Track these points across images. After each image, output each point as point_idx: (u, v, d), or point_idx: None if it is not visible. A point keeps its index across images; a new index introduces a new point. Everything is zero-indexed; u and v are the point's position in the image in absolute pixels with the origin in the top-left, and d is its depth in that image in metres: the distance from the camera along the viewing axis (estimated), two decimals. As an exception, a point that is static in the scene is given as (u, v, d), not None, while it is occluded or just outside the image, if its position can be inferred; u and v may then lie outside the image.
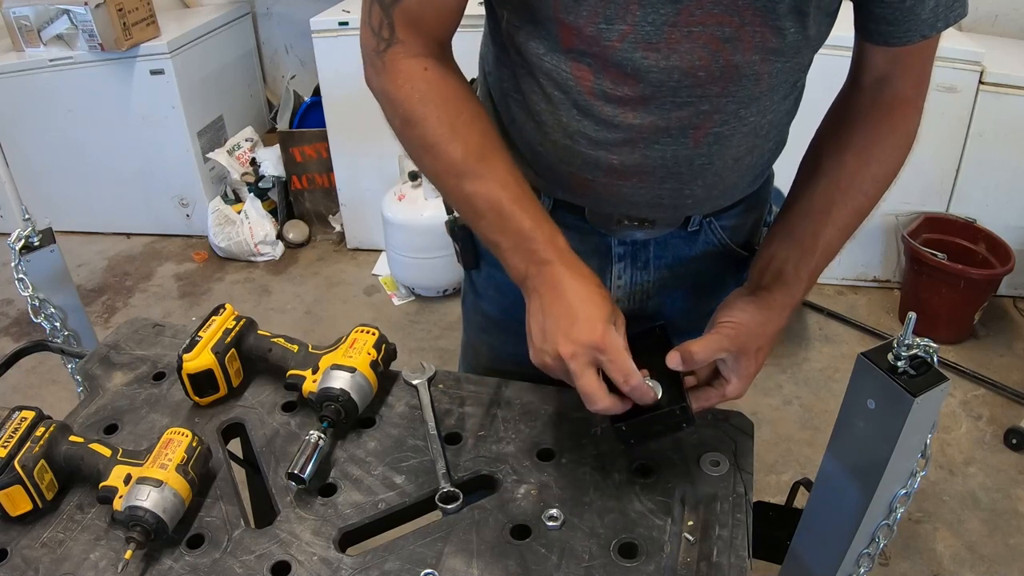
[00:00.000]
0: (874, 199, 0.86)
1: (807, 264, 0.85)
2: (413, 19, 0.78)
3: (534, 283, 0.77)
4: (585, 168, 0.86)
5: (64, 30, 2.91)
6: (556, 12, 0.73)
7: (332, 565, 0.78)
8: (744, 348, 0.81)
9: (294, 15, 3.44)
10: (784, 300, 0.84)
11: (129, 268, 3.21)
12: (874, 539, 0.74)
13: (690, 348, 0.79)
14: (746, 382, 0.83)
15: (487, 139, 0.80)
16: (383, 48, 0.79)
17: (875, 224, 2.76)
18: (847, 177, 0.85)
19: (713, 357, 0.80)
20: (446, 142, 0.78)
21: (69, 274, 1.13)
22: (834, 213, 0.85)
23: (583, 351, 0.73)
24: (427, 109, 0.78)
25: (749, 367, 0.82)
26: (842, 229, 0.86)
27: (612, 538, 0.79)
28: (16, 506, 0.82)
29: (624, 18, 0.71)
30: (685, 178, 0.85)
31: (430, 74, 0.79)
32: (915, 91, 0.85)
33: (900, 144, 0.86)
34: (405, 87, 0.79)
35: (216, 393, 0.98)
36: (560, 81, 0.79)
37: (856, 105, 0.87)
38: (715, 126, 0.80)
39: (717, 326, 0.82)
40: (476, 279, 1.08)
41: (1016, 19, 2.84)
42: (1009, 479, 2.11)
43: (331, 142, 2.98)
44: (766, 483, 2.06)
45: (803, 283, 0.85)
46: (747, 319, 0.82)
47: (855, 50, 0.86)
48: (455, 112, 0.79)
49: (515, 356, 1.09)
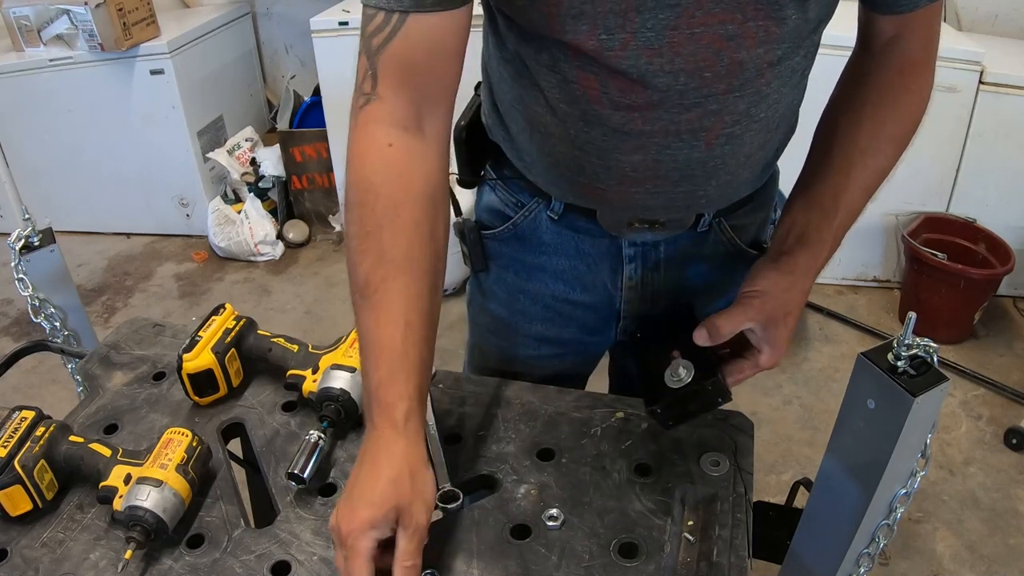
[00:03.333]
0: (892, 159, 0.85)
1: (829, 224, 0.83)
2: (401, 67, 0.73)
3: (365, 441, 0.73)
4: (596, 177, 0.85)
5: (64, 30, 2.91)
6: (554, 34, 0.73)
7: (332, 565, 0.78)
8: (771, 316, 0.81)
9: (294, 15, 3.44)
10: (807, 263, 0.83)
11: (129, 268, 3.21)
12: (874, 539, 0.74)
13: (715, 322, 0.79)
14: (779, 350, 0.82)
15: (402, 248, 0.73)
16: (361, 104, 0.74)
17: (875, 224, 2.76)
18: (864, 137, 0.84)
19: (739, 328, 0.80)
20: (361, 251, 0.73)
21: (69, 274, 1.13)
22: (854, 173, 0.84)
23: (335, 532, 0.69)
24: (365, 198, 0.73)
25: (780, 334, 0.81)
26: (863, 189, 0.84)
27: (612, 538, 0.79)
28: (16, 506, 0.82)
29: (624, 26, 0.71)
30: (699, 180, 0.84)
31: (390, 154, 0.73)
32: (925, 52, 0.84)
33: (914, 103, 0.85)
34: (357, 159, 0.74)
35: (216, 393, 0.98)
36: (566, 93, 0.78)
37: (867, 69, 0.86)
38: (727, 127, 0.79)
39: (741, 297, 0.82)
40: (484, 281, 1.08)
41: (1016, 19, 2.84)
42: (1009, 479, 2.11)
43: (331, 142, 2.98)
44: (766, 483, 2.06)
45: (827, 244, 0.84)
46: (770, 286, 0.82)
47: (861, 18, 0.85)
48: (386, 212, 0.73)
49: (526, 357, 1.09)
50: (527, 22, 0.75)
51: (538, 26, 0.74)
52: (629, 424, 0.92)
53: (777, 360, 0.83)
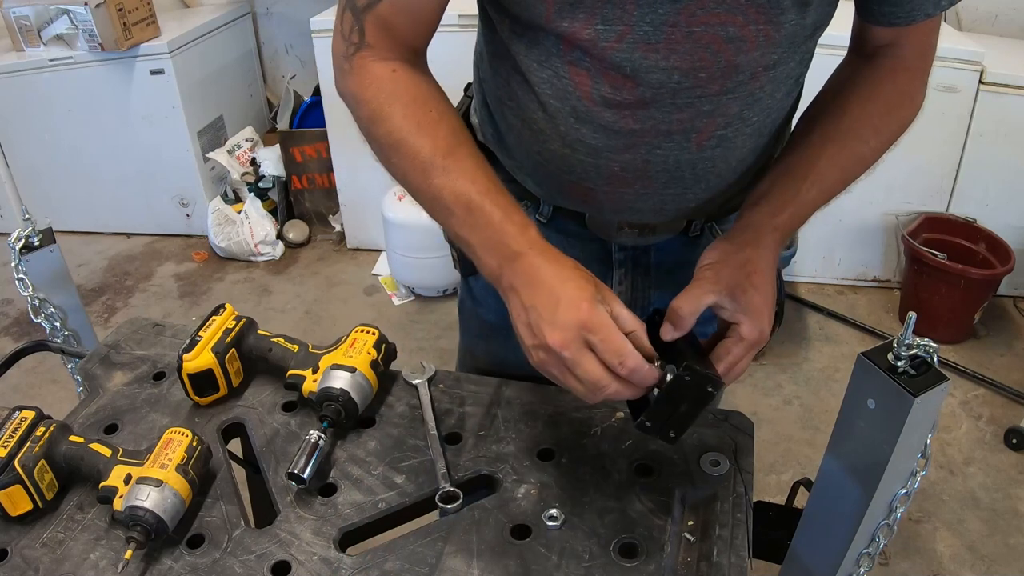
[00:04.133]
0: (874, 151, 0.82)
1: (794, 189, 0.80)
2: (385, 25, 0.77)
3: (509, 280, 0.72)
4: (585, 176, 0.85)
5: (64, 30, 2.91)
6: (549, 23, 0.72)
7: (332, 565, 0.78)
8: (732, 282, 0.75)
9: (294, 15, 3.44)
10: (761, 219, 0.79)
11: (129, 268, 3.21)
12: (874, 539, 0.74)
13: (673, 306, 0.75)
14: (759, 316, 0.75)
15: (455, 135, 0.77)
16: (352, 52, 0.78)
17: (875, 224, 2.76)
18: (848, 120, 0.82)
19: (701, 305, 0.75)
20: (413, 138, 0.76)
21: (69, 274, 1.13)
22: (829, 148, 0.81)
23: (572, 334, 0.67)
24: (393, 107, 0.77)
25: (751, 299, 0.75)
26: (838, 168, 0.81)
27: (612, 538, 0.79)
28: (16, 506, 0.82)
29: (622, 18, 0.70)
30: (688, 182, 0.84)
31: (398, 75, 0.78)
32: (919, 61, 0.83)
33: (903, 104, 0.83)
34: (372, 87, 0.78)
35: (216, 393, 0.98)
36: (557, 89, 0.78)
37: (859, 68, 0.85)
38: (718, 128, 0.79)
39: (695, 275, 0.78)
40: (474, 285, 1.08)
41: (1016, 19, 2.84)
42: (1009, 479, 2.11)
43: (331, 142, 2.98)
44: (766, 483, 2.06)
45: (787, 206, 0.79)
46: (720, 255, 0.77)
47: (855, 27, 0.84)
48: (422, 109, 0.77)
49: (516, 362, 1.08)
50: (523, 10, 0.74)
51: (534, 14, 0.74)
52: (629, 424, 0.92)
53: (763, 329, 0.75)
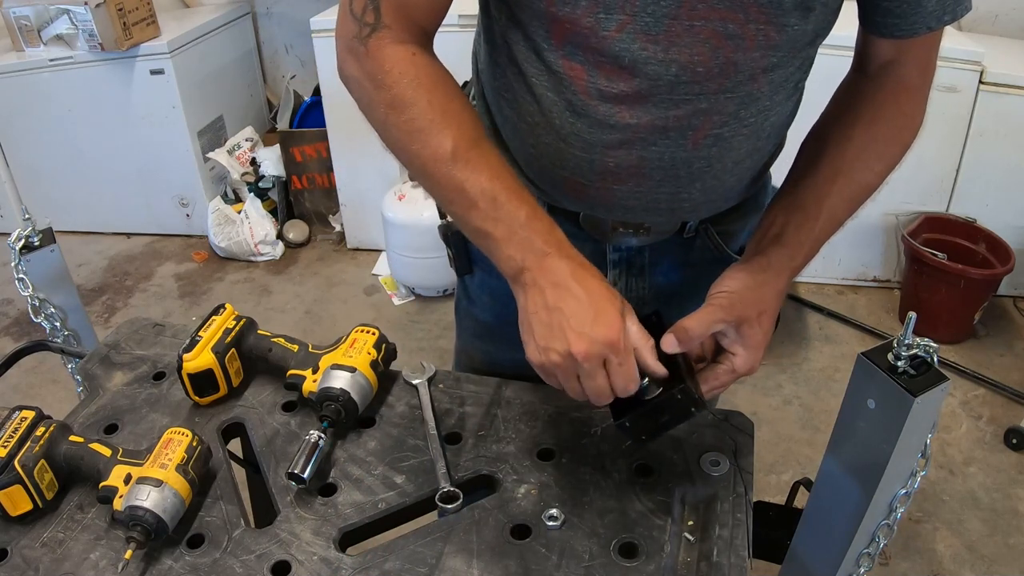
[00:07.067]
0: (880, 176, 0.84)
1: (809, 229, 0.81)
2: (401, 5, 0.75)
3: (532, 275, 0.73)
4: (579, 171, 0.84)
5: (64, 30, 2.91)
6: (548, 7, 0.72)
7: (332, 565, 0.78)
8: (743, 316, 0.77)
9: (294, 15, 3.44)
10: (781, 262, 0.81)
11: (129, 268, 3.21)
12: (874, 539, 0.74)
13: (684, 325, 0.76)
14: (754, 352, 0.79)
15: (476, 127, 0.77)
16: (366, 34, 0.75)
17: (875, 224, 2.76)
18: (854, 150, 0.83)
19: (710, 330, 0.77)
20: (438, 128, 0.74)
21: (69, 274, 1.13)
22: (839, 182, 0.82)
23: (598, 349, 0.69)
24: (418, 92, 0.75)
25: (754, 335, 0.78)
26: (847, 200, 0.83)
27: (612, 538, 0.79)
28: (16, 506, 0.82)
29: (624, 8, 0.70)
30: (683, 181, 0.83)
31: (418, 59, 0.76)
32: (920, 79, 0.84)
33: (906, 127, 0.84)
34: (394, 71, 0.75)
35: (216, 393, 0.98)
36: (553, 81, 0.78)
37: (861, 89, 0.85)
38: (715, 127, 0.79)
39: (710, 297, 0.79)
40: (470, 285, 1.08)
41: (1016, 19, 2.84)
42: (1009, 479, 2.11)
43: (331, 142, 2.97)
44: (766, 483, 2.06)
45: (803, 248, 0.82)
46: (739, 286, 0.79)
47: (859, 41, 0.85)
48: (447, 98, 0.76)
49: (512, 362, 1.08)
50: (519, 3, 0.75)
51: (530, 6, 0.74)
52: (629, 424, 0.92)
53: (754, 364, 0.79)
